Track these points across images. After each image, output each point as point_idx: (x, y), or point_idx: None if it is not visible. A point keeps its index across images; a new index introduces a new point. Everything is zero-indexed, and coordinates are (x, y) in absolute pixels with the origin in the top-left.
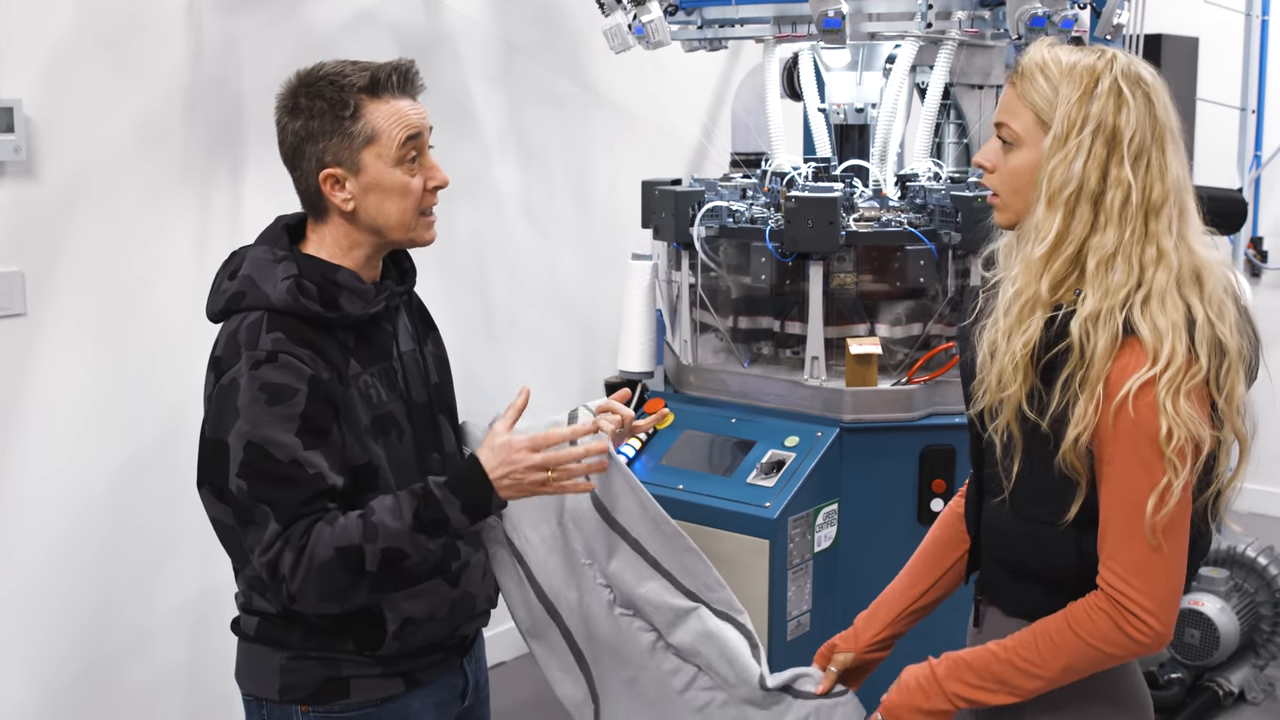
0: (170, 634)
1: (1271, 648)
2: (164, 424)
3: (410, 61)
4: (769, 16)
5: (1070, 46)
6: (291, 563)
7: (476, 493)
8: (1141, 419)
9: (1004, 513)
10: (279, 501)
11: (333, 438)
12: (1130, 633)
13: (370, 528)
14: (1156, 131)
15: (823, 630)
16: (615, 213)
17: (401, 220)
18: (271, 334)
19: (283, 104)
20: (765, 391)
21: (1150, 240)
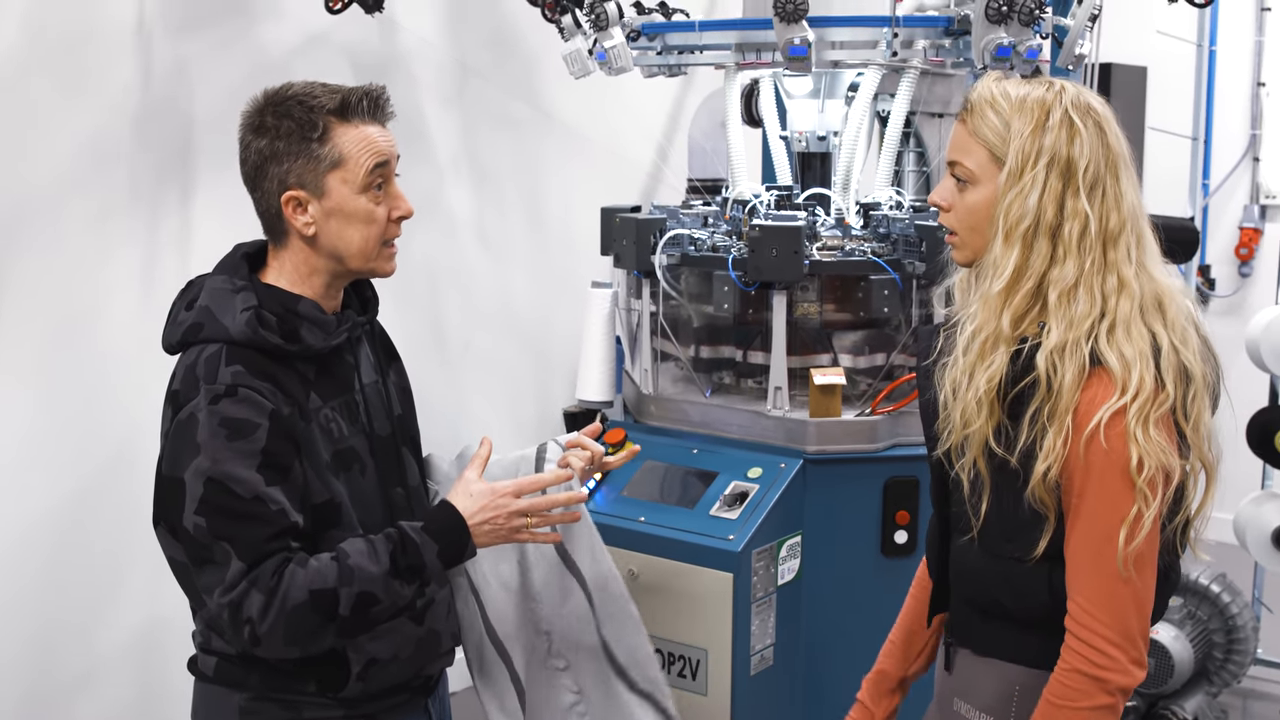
0: (116, 672)
1: (1225, 675)
2: (110, 456)
3: (381, 88)
4: (732, 44)
5: (1018, 80)
6: (261, 605)
7: (453, 539)
8: (1113, 449)
9: (973, 551)
10: (241, 539)
11: (294, 474)
12: (1109, 677)
13: (346, 571)
14: (1110, 160)
15: (786, 665)
16: (569, 237)
17: (363, 249)
18: (231, 367)
19: (248, 122)
20: (727, 422)
21: (1110, 269)
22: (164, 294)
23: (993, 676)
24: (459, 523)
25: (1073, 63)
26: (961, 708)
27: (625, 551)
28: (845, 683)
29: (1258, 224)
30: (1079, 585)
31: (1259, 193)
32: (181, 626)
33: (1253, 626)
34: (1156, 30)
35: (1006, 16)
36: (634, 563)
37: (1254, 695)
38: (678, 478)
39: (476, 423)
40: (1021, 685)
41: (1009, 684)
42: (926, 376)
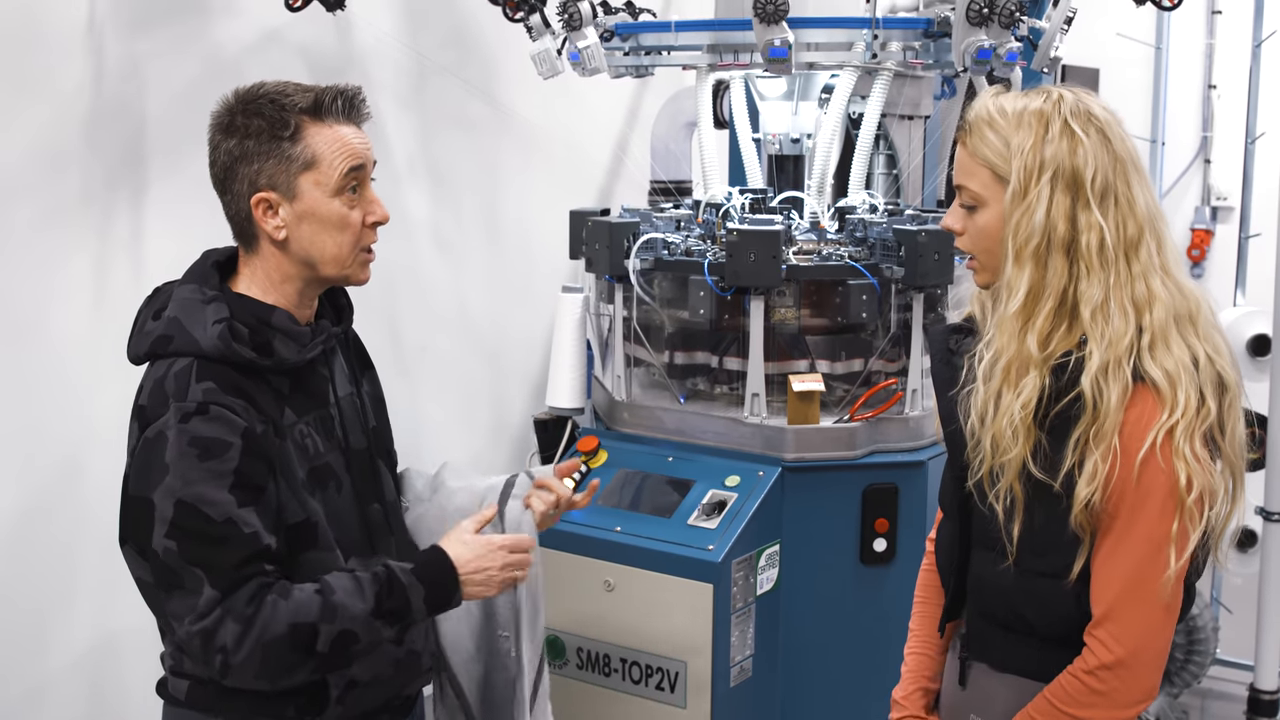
0: (65, 688)
1: (1185, 675)
2: (60, 466)
3: (357, 88)
4: (705, 45)
5: (1016, 94)
6: (236, 635)
7: (443, 586)
8: (1169, 470)
9: (999, 566)
10: (213, 564)
11: (267, 495)
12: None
13: (329, 608)
14: (1118, 166)
15: (766, 676)
16: (527, 240)
17: (337, 255)
18: (202, 383)
19: (217, 122)
20: (703, 429)
21: (1137, 280)
22: (116, 300)
23: (1012, 692)
24: (450, 571)
25: (1047, 65)
26: None
27: (601, 562)
28: (825, 693)
29: (1209, 225)
30: (1109, 603)
31: (1210, 194)
32: (134, 642)
33: (1213, 628)
34: (1116, 33)
35: (987, 19)
36: (610, 574)
37: (1214, 695)
38: (653, 486)
39: (433, 429)
40: None
41: (1029, 701)
42: (951, 404)
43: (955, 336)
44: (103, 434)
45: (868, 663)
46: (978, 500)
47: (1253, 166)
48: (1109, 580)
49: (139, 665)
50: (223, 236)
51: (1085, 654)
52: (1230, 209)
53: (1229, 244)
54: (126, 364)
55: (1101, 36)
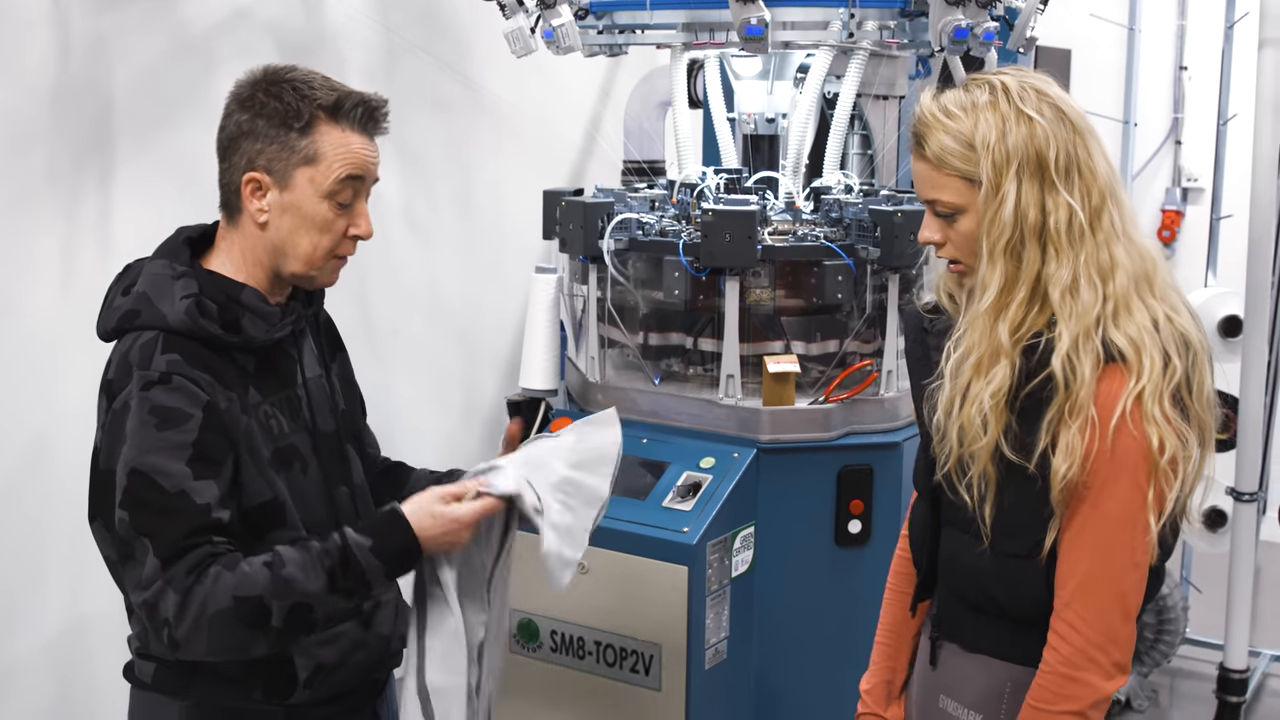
0: (33, 675)
1: (1155, 655)
2: (26, 449)
3: (383, 100)
4: (681, 23)
5: (954, 92)
6: (176, 605)
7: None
8: (1141, 435)
9: (971, 547)
10: (160, 534)
11: (224, 470)
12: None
13: (279, 582)
14: (1077, 138)
15: (741, 658)
16: (500, 220)
17: (309, 255)
18: (167, 354)
19: (238, 91)
20: (678, 411)
21: (1101, 248)
22: (84, 280)
23: (982, 673)
24: (412, 544)
25: (1024, 45)
26: (948, 705)
27: None
28: (800, 674)
29: (1179, 206)
30: (1071, 584)
31: (1181, 175)
32: (104, 626)
33: (1182, 607)
34: (1090, 14)
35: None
36: (584, 556)
37: (1183, 674)
38: (627, 468)
39: (405, 410)
40: (1013, 683)
41: (999, 681)
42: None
43: (929, 317)
44: (71, 415)
45: (843, 644)
46: (947, 491)
47: (1224, 148)
48: (1076, 560)
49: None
50: (191, 216)
51: (1053, 643)
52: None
53: (1199, 225)
54: (95, 344)
55: (1074, 18)
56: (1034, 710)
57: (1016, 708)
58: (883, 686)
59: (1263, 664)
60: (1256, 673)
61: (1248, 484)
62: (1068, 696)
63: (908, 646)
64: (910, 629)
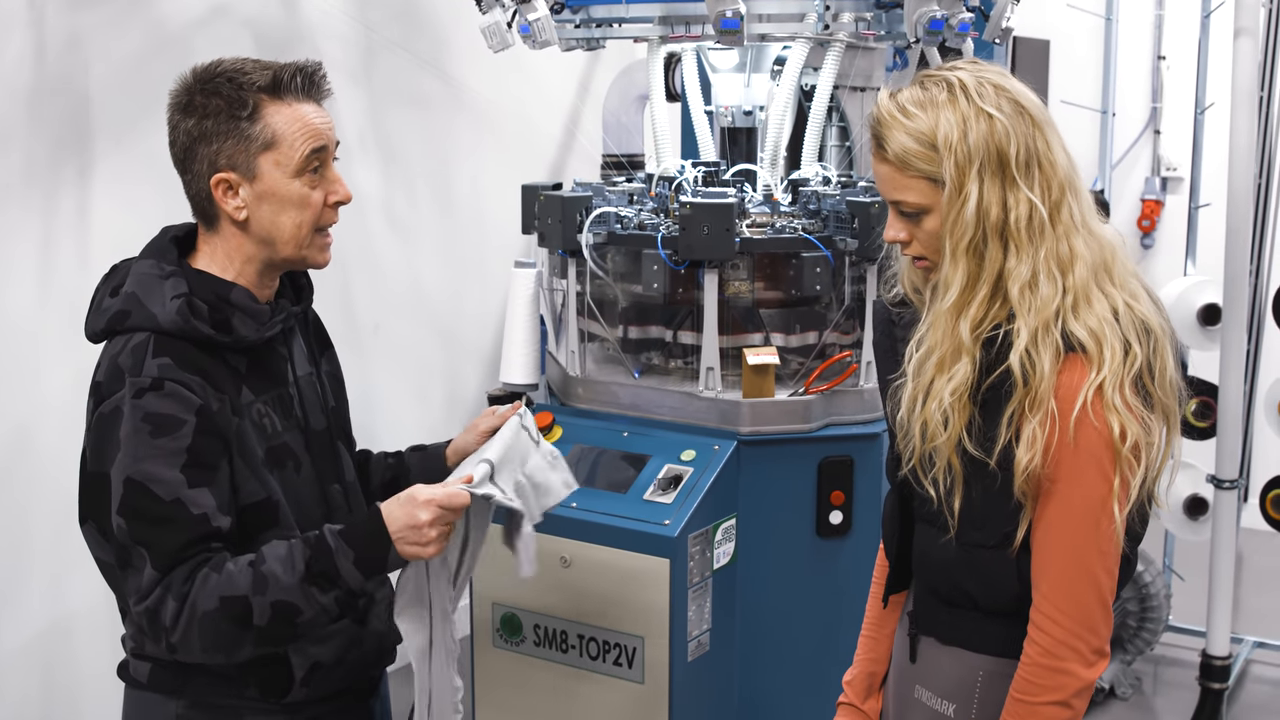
0: (17, 674)
1: (1138, 643)
2: (7, 445)
3: (317, 64)
4: (657, 16)
5: (911, 90)
6: (174, 612)
7: (374, 546)
8: (1103, 425)
9: (941, 542)
10: (157, 544)
11: (220, 474)
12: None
13: (259, 579)
14: (1036, 131)
15: (723, 649)
16: (480, 215)
17: (296, 235)
18: (158, 359)
19: (175, 101)
20: (658, 404)
21: (1061, 240)
22: (63, 277)
23: (956, 664)
24: (381, 531)
25: (999, 36)
26: (923, 695)
27: (557, 538)
28: (782, 665)
29: (1159, 196)
30: (1047, 575)
31: (1160, 165)
32: (88, 623)
33: (1165, 594)
34: (1067, 4)
35: None
36: (566, 550)
37: (1166, 661)
38: (609, 461)
39: (387, 405)
40: (985, 672)
41: (972, 671)
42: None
43: (897, 310)
44: (52, 412)
45: (825, 635)
46: (914, 485)
47: (1202, 137)
48: (1049, 552)
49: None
50: (170, 214)
51: (1033, 635)
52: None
53: (1179, 214)
54: (74, 342)
55: (1053, 8)
56: (1019, 703)
57: (989, 695)
58: (864, 678)
59: (1245, 650)
60: (1239, 659)
61: (1228, 471)
62: (1051, 687)
63: (890, 640)
64: (891, 623)
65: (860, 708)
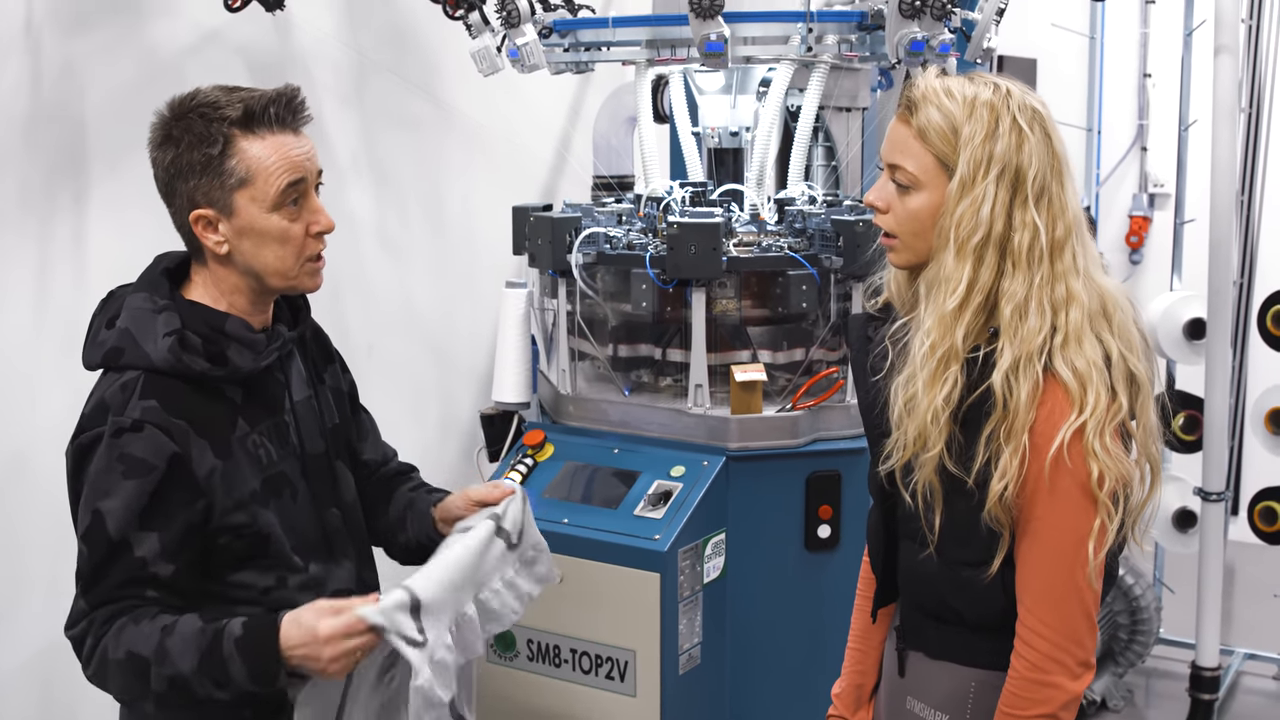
0: (15, 692)
1: (1130, 655)
2: (4, 468)
3: (295, 89)
4: (644, 40)
5: (961, 78)
6: (89, 650)
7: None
8: (1077, 467)
9: (925, 559)
10: (94, 579)
11: (176, 523)
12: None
13: (162, 650)
14: (1055, 166)
15: (714, 663)
16: (472, 236)
17: (280, 268)
18: (144, 400)
19: (154, 135)
20: (648, 421)
21: (1059, 279)
22: (58, 302)
23: (948, 677)
24: (272, 651)
25: (981, 56)
26: (915, 706)
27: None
28: (773, 678)
29: (1147, 212)
30: (1030, 593)
31: (1147, 181)
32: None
33: (1155, 607)
34: (1051, 23)
35: (920, 11)
36: (558, 565)
37: (1158, 674)
38: (599, 478)
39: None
40: (977, 683)
41: (964, 683)
42: (872, 392)
43: (873, 323)
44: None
45: (814, 648)
46: (888, 485)
47: (1186, 153)
48: (1031, 575)
49: None
50: (166, 239)
51: (1019, 649)
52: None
53: (1166, 230)
54: (70, 367)
55: (1039, 28)
56: (1007, 717)
57: (981, 705)
58: (853, 691)
59: (1236, 662)
60: (1230, 671)
61: (1214, 484)
62: (1039, 700)
63: (877, 652)
64: (878, 635)
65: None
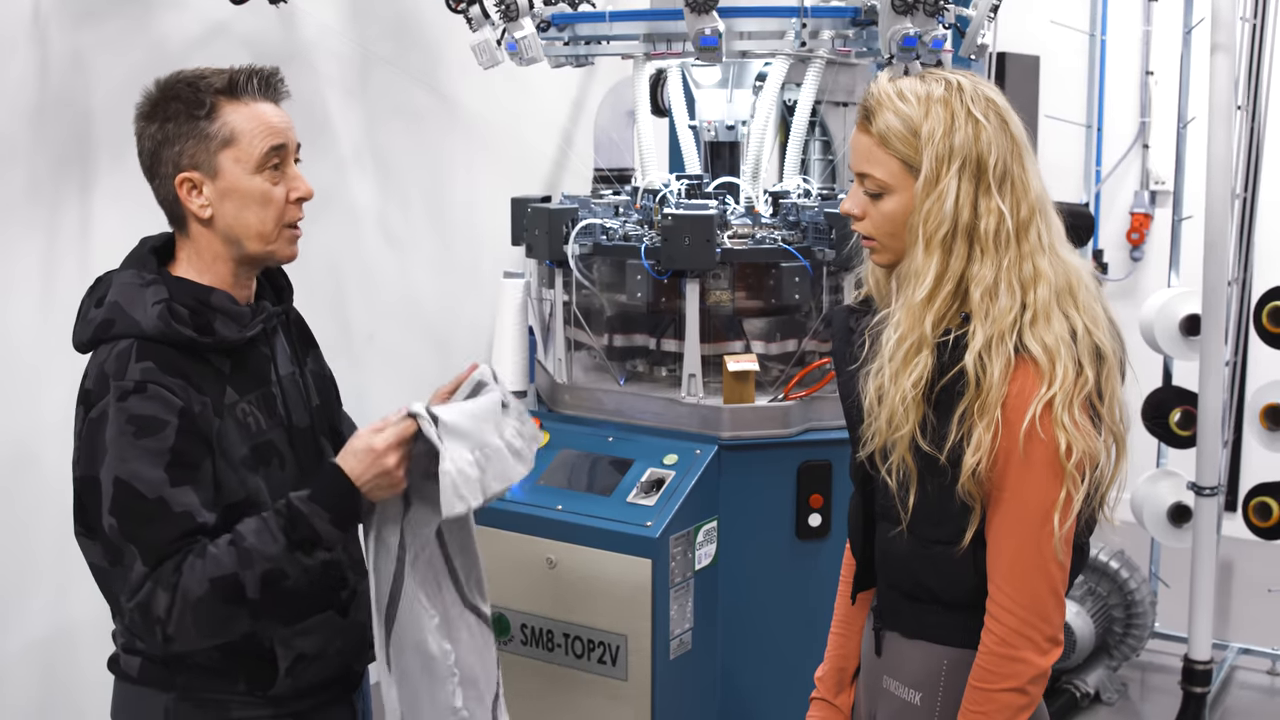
0: (20, 676)
1: (1124, 649)
2: (10, 457)
3: (274, 68)
4: (641, 34)
5: (912, 79)
6: (166, 604)
7: (345, 503)
8: (1050, 439)
9: (900, 540)
10: (144, 541)
11: (203, 473)
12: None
13: (244, 554)
14: (1015, 150)
15: (705, 648)
16: (474, 228)
17: (261, 230)
18: (141, 363)
19: (140, 111)
20: (642, 410)
21: (1025, 259)
22: (65, 292)
23: (921, 656)
24: (346, 486)
25: (975, 52)
26: (891, 685)
27: (543, 540)
28: (763, 664)
29: (1148, 209)
30: (999, 569)
31: (1149, 179)
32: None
33: (1150, 601)
34: (1050, 20)
35: (912, 7)
36: (552, 551)
37: (1152, 668)
38: (594, 466)
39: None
40: (949, 660)
41: (937, 660)
42: (850, 380)
43: (855, 315)
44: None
45: (804, 634)
46: (869, 470)
47: (1185, 150)
48: (1000, 549)
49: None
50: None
51: (989, 625)
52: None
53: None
54: (75, 358)
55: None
56: (977, 691)
57: (953, 682)
58: (835, 674)
59: (1230, 656)
60: (1224, 666)
61: (1207, 478)
62: (1007, 675)
63: (858, 635)
64: (859, 618)
65: (832, 702)
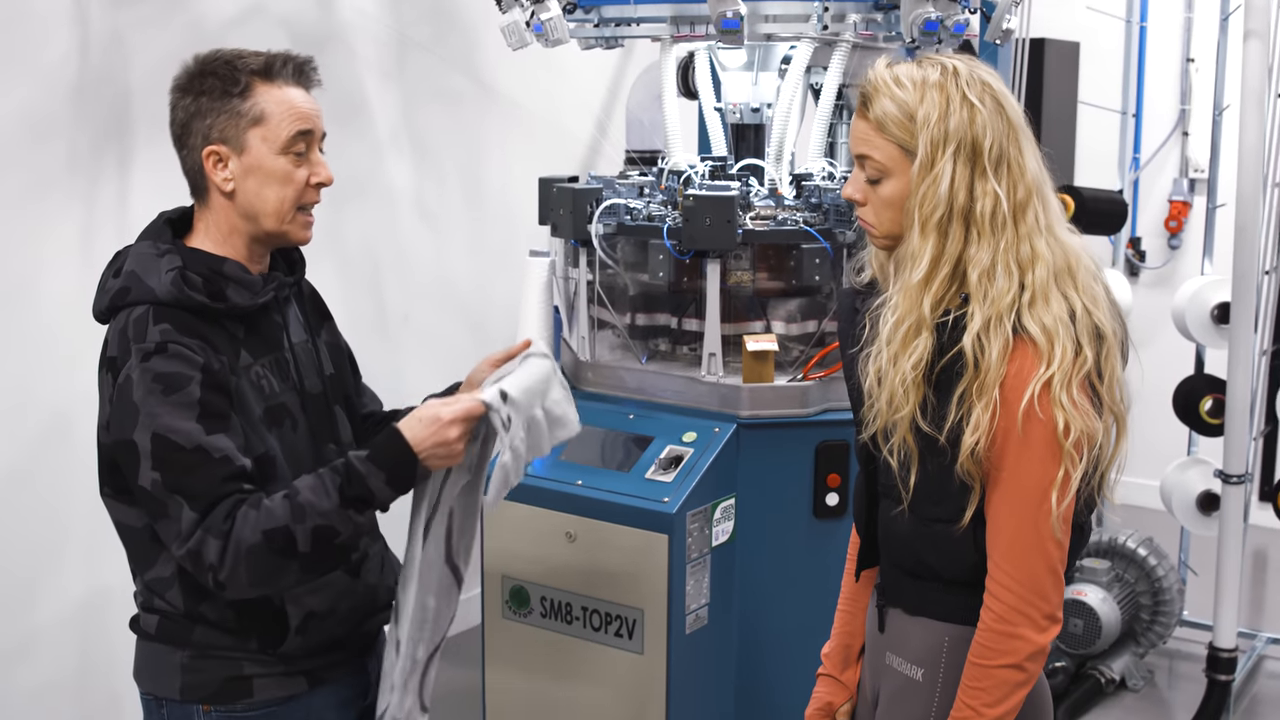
0: (57, 638)
1: (1151, 636)
2: (47, 426)
3: (309, 57)
4: (666, 16)
5: (909, 63)
6: (218, 550)
7: (402, 469)
8: (1048, 418)
9: (902, 518)
10: (190, 489)
11: (232, 423)
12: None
13: (298, 508)
14: (1011, 133)
15: (721, 624)
16: (508, 210)
17: (278, 209)
18: (159, 325)
19: (176, 83)
20: (663, 388)
21: (1023, 240)
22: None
23: (923, 632)
24: (407, 452)
25: (1001, 37)
26: (894, 661)
27: (563, 514)
28: (778, 640)
29: (1186, 197)
30: (998, 548)
31: (1188, 167)
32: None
33: (1178, 589)
34: (1086, 6)
35: None
36: (571, 525)
37: (1179, 656)
38: (614, 442)
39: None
40: (951, 637)
41: (939, 637)
42: (851, 363)
43: (860, 297)
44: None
45: (819, 612)
46: (872, 450)
47: (1220, 138)
48: (999, 528)
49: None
50: None
51: (988, 602)
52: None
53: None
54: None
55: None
56: (976, 667)
57: (954, 659)
58: (841, 650)
59: (1260, 645)
60: (1253, 654)
61: (1235, 466)
62: (1005, 651)
63: (864, 613)
64: (865, 595)
65: (838, 678)
